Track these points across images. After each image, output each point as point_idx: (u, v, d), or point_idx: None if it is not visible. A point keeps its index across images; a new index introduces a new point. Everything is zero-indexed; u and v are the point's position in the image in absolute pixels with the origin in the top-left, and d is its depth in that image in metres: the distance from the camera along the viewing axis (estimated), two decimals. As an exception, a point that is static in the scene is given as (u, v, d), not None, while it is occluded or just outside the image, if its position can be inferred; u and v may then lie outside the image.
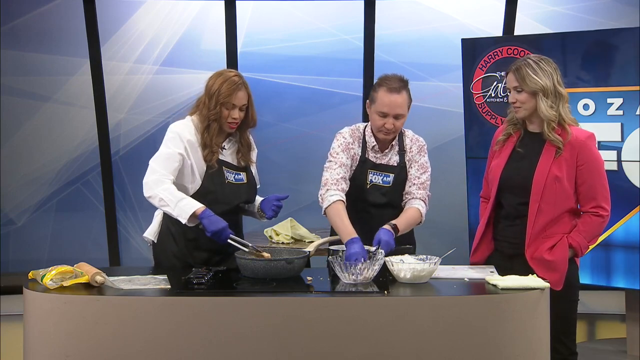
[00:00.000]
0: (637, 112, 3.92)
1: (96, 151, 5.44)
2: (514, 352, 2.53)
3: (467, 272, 2.90)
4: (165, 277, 2.81)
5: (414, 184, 3.22)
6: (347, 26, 5.40)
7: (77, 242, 5.54)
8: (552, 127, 2.98)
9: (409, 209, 3.17)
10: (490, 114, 4.42)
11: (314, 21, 5.41)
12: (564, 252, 2.97)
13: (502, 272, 2.84)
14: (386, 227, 2.99)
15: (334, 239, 3.13)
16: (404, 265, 2.73)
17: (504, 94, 4.34)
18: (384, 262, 2.77)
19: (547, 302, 2.63)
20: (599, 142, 3.99)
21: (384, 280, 2.74)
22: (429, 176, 3.26)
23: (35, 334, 2.57)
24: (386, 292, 2.59)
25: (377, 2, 5.25)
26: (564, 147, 2.96)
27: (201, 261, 3.12)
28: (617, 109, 3.98)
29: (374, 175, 3.23)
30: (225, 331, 2.50)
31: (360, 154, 3.23)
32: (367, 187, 3.22)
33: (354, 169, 3.23)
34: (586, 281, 4.05)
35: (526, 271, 2.84)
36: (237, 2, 5.27)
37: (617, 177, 3.95)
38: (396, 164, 3.24)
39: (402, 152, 3.25)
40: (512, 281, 2.65)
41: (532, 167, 3.00)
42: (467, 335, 2.50)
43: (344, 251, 2.86)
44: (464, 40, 4.54)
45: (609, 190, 3.01)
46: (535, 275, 2.76)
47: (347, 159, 3.20)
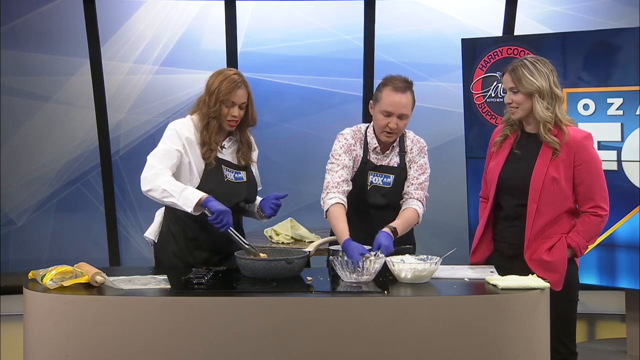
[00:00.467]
0: (637, 112, 3.92)
1: (96, 151, 5.44)
2: (514, 352, 2.53)
3: (467, 272, 2.90)
4: (165, 277, 2.81)
5: (412, 184, 3.22)
6: (347, 26, 5.40)
7: (77, 242, 5.54)
8: (548, 129, 2.97)
9: (406, 209, 3.17)
10: (490, 114, 4.42)
11: (314, 21, 5.41)
12: (563, 253, 2.97)
13: (502, 273, 2.84)
14: (386, 230, 2.99)
15: (334, 239, 3.13)
16: (405, 265, 2.73)
17: (504, 94, 4.33)
18: (385, 262, 2.77)
19: (547, 302, 2.63)
20: (599, 142, 3.99)
21: (384, 280, 2.74)
22: (428, 177, 3.27)
23: (35, 334, 2.57)
24: (386, 292, 2.59)
25: (377, 2, 5.25)
26: (561, 148, 2.96)
27: (202, 261, 3.12)
28: (617, 109, 3.98)
29: (374, 176, 3.23)
30: (225, 331, 2.50)
31: (361, 156, 3.23)
32: (368, 188, 3.22)
33: (355, 170, 3.23)
34: (586, 281, 4.04)
35: (526, 272, 2.84)
36: (237, 2, 5.27)
37: (617, 177, 3.95)
38: (397, 165, 3.24)
39: (402, 153, 3.25)
40: (512, 281, 2.65)
41: (530, 169, 2.99)
42: (467, 335, 2.50)
43: (344, 251, 2.86)
44: (464, 40, 4.54)
45: (609, 189, 3.01)
46: (535, 275, 2.76)
47: (349, 160, 3.19)
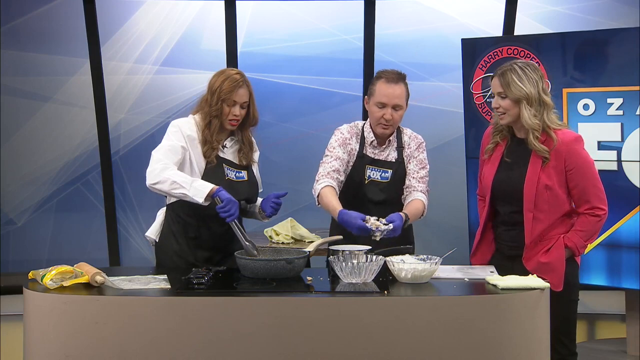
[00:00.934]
0: (637, 112, 3.92)
1: (96, 151, 5.43)
2: (514, 352, 2.53)
3: (467, 272, 2.90)
4: (165, 277, 2.81)
5: (414, 177, 3.24)
6: (347, 26, 5.39)
7: (77, 242, 5.53)
8: (536, 136, 2.95)
9: (413, 200, 3.19)
10: (490, 114, 4.41)
11: (314, 21, 5.40)
12: (560, 253, 2.96)
13: (503, 273, 2.84)
14: (400, 213, 3.01)
15: (334, 239, 3.13)
16: (405, 265, 2.73)
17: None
18: (385, 262, 2.77)
19: (547, 302, 2.63)
20: (599, 142, 3.99)
21: (384, 280, 2.74)
22: (428, 173, 3.29)
23: (35, 334, 2.57)
24: (386, 292, 2.59)
25: (377, 2, 5.25)
26: (550, 155, 2.94)
27: (202, 259, 3.14)
28: (617, 109, 3.98)
29: (372, 171, 3.25)
30: (225, 331, 2.50)
31: (358, 150, 3.25)
32: (365, 182, 3.24)
33: (352, 165, 3.25)
34: (586, 281, 4.04)
35: (527, 272, 2.84)
36: (237, 2, 5.26)
37: (617, 177, 3.95)
38: (394, 160, 3.26)
39: (400, 148, 3.27)
40: (512, 281, 2.65)
41: (522, 177, 2.97)
42: (467, 335, 2.50)
43: (344, 251, 2.86)
44: (464, 40, 4.54)
45: (609, 189, 3.00)
46: (535, 275, 2.75)
47: (344, 153, 3.22)
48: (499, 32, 5.20)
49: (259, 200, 3.31)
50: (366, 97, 3.26)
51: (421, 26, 5.37)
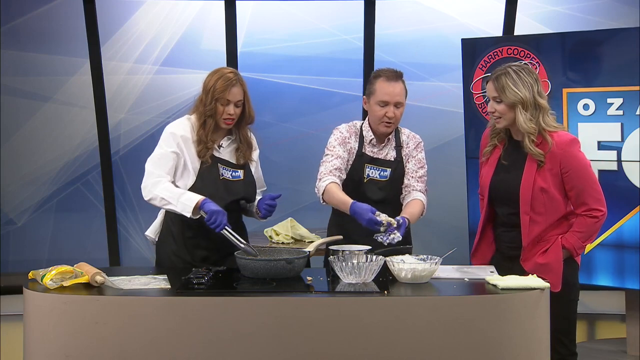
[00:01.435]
0: (637, 112, 3.92)
1: (96, 151, 5.43)
2: (514, 352, 2.53)
3: (467, 272, 2.90)
4: (165, 277, 2.81)
5: (412, 177, 3.25)
6: (347, 26, 5.39)
7: (77, 242, 5.53)
8: (531, 140, 2.95)
9: (412, 200, 3.20)
10: (490, 114, 4.42)
11: (314, 21, 5.40)
12: (558, 254, 2.97)
13: (503, 273, 2.84)
14: (406, 219, 3.04)
15: (334, 239, 3.13)
16: (405, 265, 2.73)
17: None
18: (385, 262, 2.77)
19: (547, 302, 2.63)
20: (599, 142, 3.99)
21: (384, 280, 2.74)
22: (426, 172, 3.30)
23: (35, 334, 2.58)
24: (386, 292, 2.59)
25: (377, 2, 5.25)
26: (545, 158, 2.94)
27: (201, 259, 3.14)
28: (617, 109, 3.98)
29: (371, 169, 3.26)
30: (225, 331, 2.50)
31: (357, 148, 3.26)
32: (365, 181, 3.24)
33: (351, 164, 3.25)
34: (586, 281, 4.04)
35: (526, 272, 2.84)
36: (237, 2, 5.26)
37: (617, 177, 3.95)
38: (393, 159, 3.27)
39: (398, 147, 3.28)
40: (512, 281, 2.65)
41: (518, 180, 2.98)
42: (467, 335, 2.50)
43: (344, 251, 2.86)
44: (464, 40, 4.54)
45: (609, 189, 3.01)
46: (534, 275, 2.75)
47: (344, 152, 3.24)
48: (499, 32, 5.20)
49: (258, 199, 3.31)
50: (365, 97, 3.27)
51: (421, 26, 5.37)
